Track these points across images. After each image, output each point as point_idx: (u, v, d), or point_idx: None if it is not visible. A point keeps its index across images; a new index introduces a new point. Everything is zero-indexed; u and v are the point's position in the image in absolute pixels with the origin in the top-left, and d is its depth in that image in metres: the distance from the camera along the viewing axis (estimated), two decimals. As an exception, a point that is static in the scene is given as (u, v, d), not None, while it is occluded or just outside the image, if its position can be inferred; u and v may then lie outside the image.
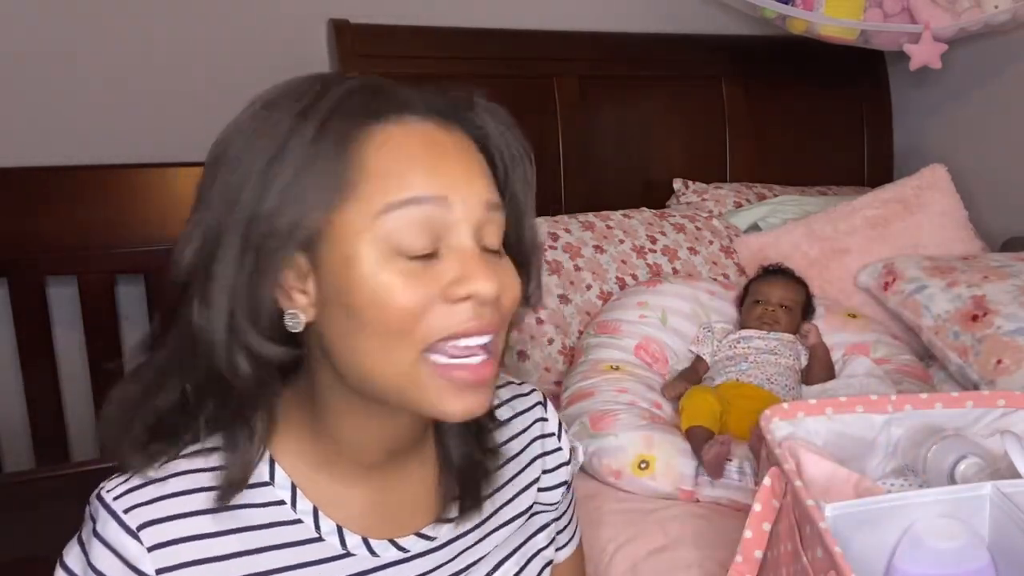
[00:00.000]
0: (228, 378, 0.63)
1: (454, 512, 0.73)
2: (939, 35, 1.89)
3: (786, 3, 1.92)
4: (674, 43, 2.25)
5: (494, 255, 0.65)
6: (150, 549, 0.62)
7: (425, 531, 0.71)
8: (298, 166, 0.60)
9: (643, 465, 1.30)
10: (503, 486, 0.77)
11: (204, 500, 0.64)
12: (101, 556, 0.62)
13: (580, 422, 1.39)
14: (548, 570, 0.81)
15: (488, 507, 0.75)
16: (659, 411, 1.45)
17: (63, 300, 1.83)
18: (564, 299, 1.76)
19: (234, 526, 0.64)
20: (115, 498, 0.63)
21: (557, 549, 0.84)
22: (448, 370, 0.61)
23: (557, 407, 1.52)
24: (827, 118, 2.40)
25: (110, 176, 1.80)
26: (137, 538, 0.62)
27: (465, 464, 0.74)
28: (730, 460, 1.27)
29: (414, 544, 0.71)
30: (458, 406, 0.62)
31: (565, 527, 0.86)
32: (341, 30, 1.92)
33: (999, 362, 1.46)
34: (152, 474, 0.64)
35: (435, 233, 0.61)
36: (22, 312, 1.77)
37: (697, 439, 1.30)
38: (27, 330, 1.77)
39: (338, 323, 0.62)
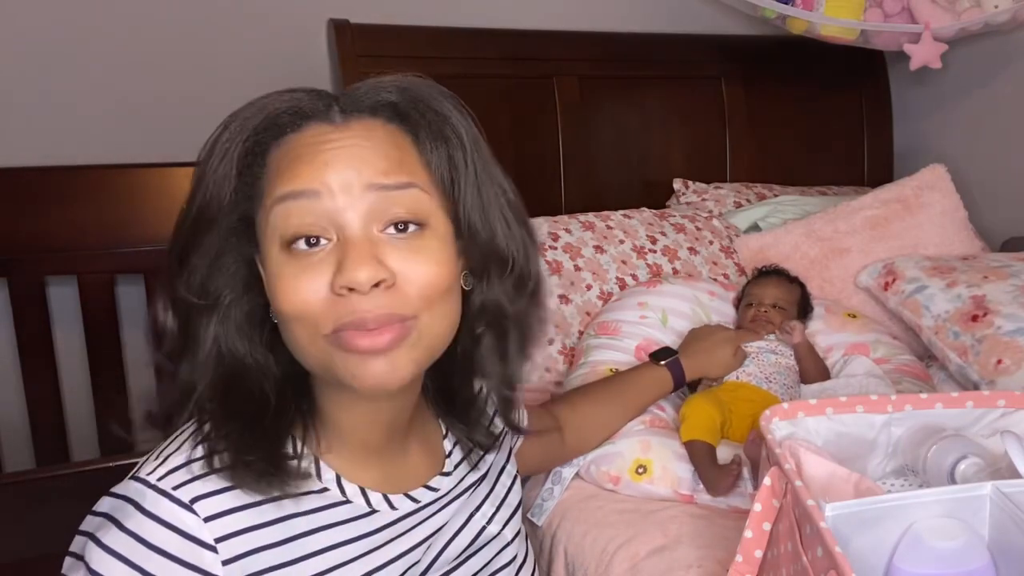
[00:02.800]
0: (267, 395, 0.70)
1: (450, 467, 0.83)
2: (939, 35, 1.89)
3: (786, 3, 1.92)
4: (674, 43, 2.25)
5: (403, 235, 0.66)
6: (206, 520, 0.64)
7: (431, 483, 0.80)
8: (240, 172, 0.68)
9: (640, 470, 1.30)
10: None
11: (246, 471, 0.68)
12: (156, 532, 0.63)
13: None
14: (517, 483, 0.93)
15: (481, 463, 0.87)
16: (661, 413, 1.44)
17: (63, 300, 1.83)
18: (564, 299, 1.76)
19: (276, 494, 0.68)
20: (160, 479, 0.65)
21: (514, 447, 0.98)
22: (351, 339, 0.65)
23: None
24: (827, 118, 2.40)
25: (110, 176, 1.80)
26: (192, 511, 0.64)
27: (461, 410, 0.84)
28: (740, 472, 1.26)
29: (424, 495, 0.79)
30: (367, 379, 0.65)
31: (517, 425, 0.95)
32: (341, 30, 1.92)
33: (999, 362, 1.46)
34: (189, 455, 0.67)
35: (322, 225, 0.65)
36: (22, 312, 1.77)
37: (697, 455, 1.30)
38: (27, 330, 1.78)
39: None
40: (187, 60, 1.88)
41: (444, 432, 0.86)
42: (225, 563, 0.65)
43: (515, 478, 0.93)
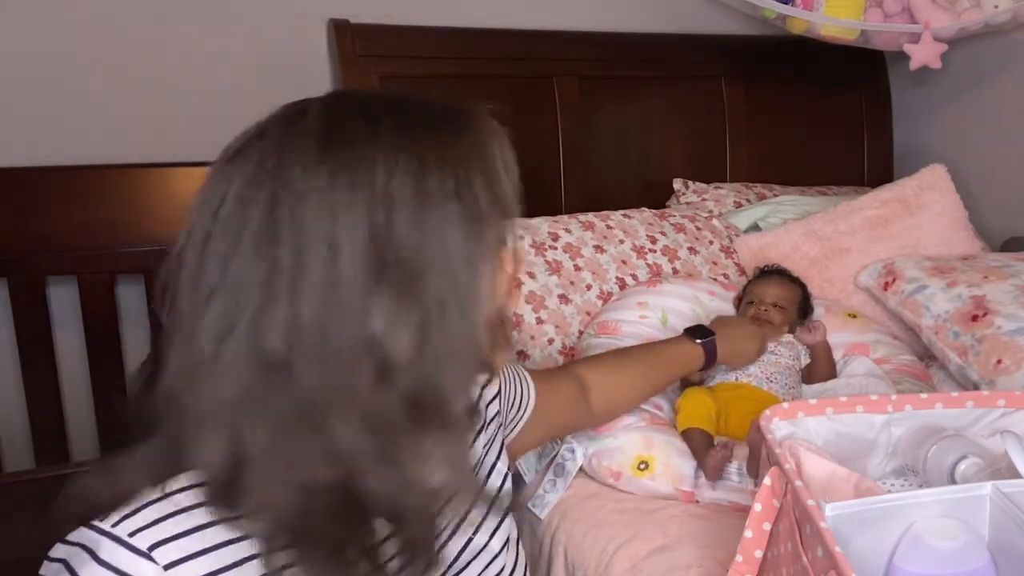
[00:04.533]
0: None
1: None
2: (939, 35, 1.89)
3: (786, 3, 1.92)
4: (674, 43, 2.25)
5: None
6: (166, 567, 0.59)
7: None
8: None
9: (642, 466, 1.30)
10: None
11: (206, 514, 0.61)
12: None
13: (580, 423, 1.39)
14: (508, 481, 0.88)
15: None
16: (659, 412, 1.45)
17: (63, 300, 1.83)
18: (564, 299, 1.76)
19: (242, 533, 0.62)
20: (113, 525, 0.59)
21: (512, 428, 0.97)
22: None
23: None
24: (827, 118, 2.40)
25: (110, 176, 1.80)
26: (151, 559, 0.58)
27: None
28: (731, 461, 1.27)
29: None
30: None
31: (510, 410, 0.96)
32: (341, 30, 1.92)
33: (999, 362, 1.46)
34: (145, 498, 0.61)
35: None
36: (22, 312, 1.77)
37: (694, 441, 1.31)
38: (27, 330, 1.78)
39: None
40: (187, 60, 1.88)
41: None
42: None
43: (506, 476, 0.88)
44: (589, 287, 1.78)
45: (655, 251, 1.87)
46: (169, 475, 0.62)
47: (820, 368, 1.55)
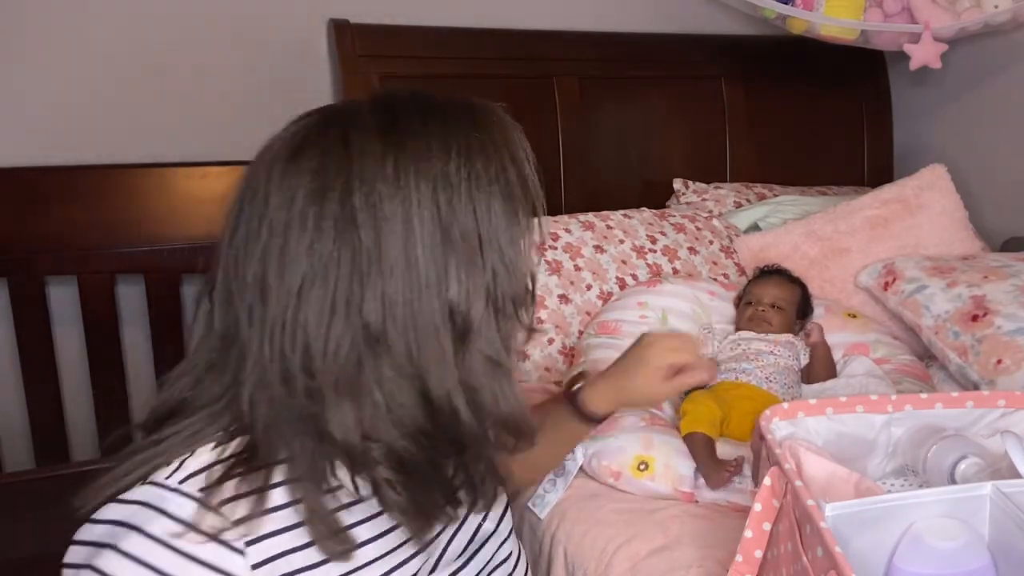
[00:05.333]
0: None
1: None
2: (939, 35, 1.89)
3: (786, 3, 1.92)
4: (674, 43, 2.25)
5: None
6: (235, 523, 0.63)
7: None
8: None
9: (642, 466, 1.30)
10: None
11: (267, 476, 0.67)
12: (181, 535, 0.62)
13: (580, 422, 1.39)
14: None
15: None
16: (659, 412, 1.45)
17: (63, 300, 1.83)
18: (564, 299, 1.76)
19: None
20: (180, 482, 0.64)
21: None
22: None
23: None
24: (827, 118, 2.40)
25: (110, 176, 1.80)
26: (220, 514, 0.63)
27: None
28: (740, 470, 1.27)
29: None
30: None
31: None
32: (341, 30, 1.92)
33: (999, 362, 1.46)
34: (209, 460, 0.66)
35: None
36: (22, 312, 1.77)
37: (697, 445, 1.30)
38: (27, 330, 1.78)
39: None
40: (187, 60, 1.88)
41: None
42: (255, 566, 0.63)
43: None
44: (589, 287, 1.78)
45: (655, 251, 1.87)
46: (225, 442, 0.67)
47: (819, 368, 1.55)
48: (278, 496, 0.66)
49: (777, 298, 1.62)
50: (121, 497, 0.64)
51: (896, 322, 1.76)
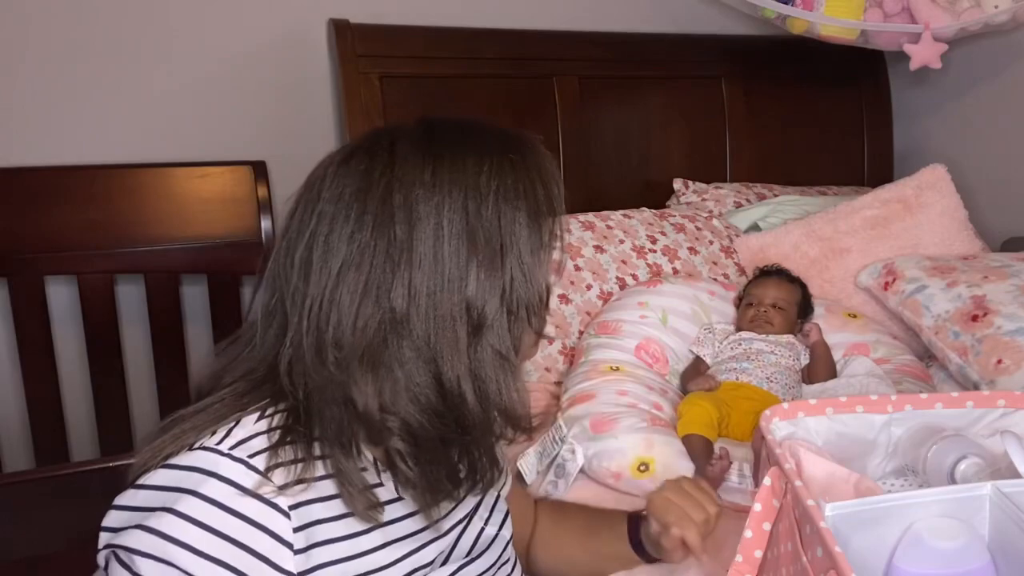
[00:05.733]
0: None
1: None
2: (939, 35, 1.89)
3: (786, 3, 1.92)
4: (674, 43, 2.25)
5: None
6: (280, 488, 0.68)
7: None
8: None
9: (642, 467, 1.30)
10: None
11: (315, 449, 0.72)
12: (235, 498, 0.66)
13: (580, 425, 1.39)
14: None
15: None
16: (659, 412, 1.45)
17: (63, 300, 1.83)
18: (564, 299, 1.76)
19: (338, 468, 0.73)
20: (231, 448, 0.69)
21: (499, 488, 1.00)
22: None
23: (557, 408, 1.52)
24: (827, 118, 2.40)
25: (110, 176, 1.80)
26: (268, 479, 0.68)
27: None
28: (730, 462, 1.27)
29: None
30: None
31: None
32: (341, 30, 1.92)
33: (999, 362, 1.46)
34: (254, 429, 0.71)
35: None
36: (22, 312, 1.77)
37: (694, 447, 1.31)
38: (27, 330, 1.78)
39: None
40: (187, 60, 1.88)
41: None
42: (295, 530, 0.69)
43: (500, 490, 0.95)
44: (589, 287, 1.78)
45: (655, 251, 1.87)
46: (269, 414, 0.72)
47: (820, 368, 1.56)
48: (319, 468, 0.72)
49: (778, 299, 1.62)
50: (171, 462, 0.69)
51: (896, 322, 1.76)
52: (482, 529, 0.88)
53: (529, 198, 0.76)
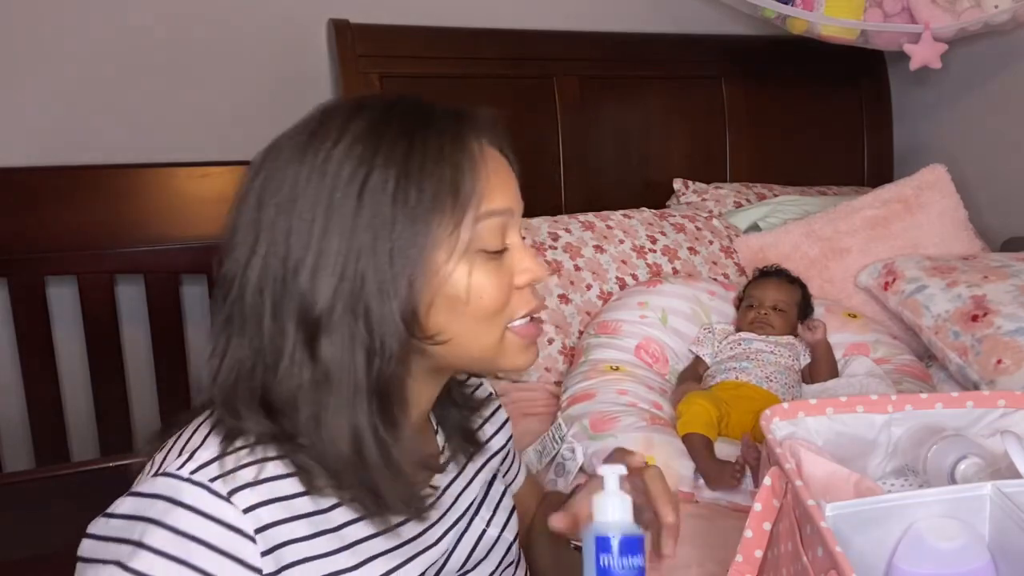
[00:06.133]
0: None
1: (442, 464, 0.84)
2: (939, 35, 1.89)
3: (786, 3, 1.92)
4: (674, 43, 2.25)
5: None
6: (244, 511, 0.65)
7: (432, 482, 0.81)
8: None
9: (643, 466, 1.30)
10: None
11: (277, 466, 0.68)
12: (199, 525, 0.64)
13: (580, 424, 1.39)
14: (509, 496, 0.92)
15: (477, 458, 0.88)
16: (659, 412, 1.45)
17: (63, 300, 1.83)
18: (564, 299, 1.76)
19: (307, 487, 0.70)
20: (192, 472, 0.65)
21: (508, 485, 0.96)
22: (525, 330, 0.76)
23: (557, 407, 1.52)
24: (827, 118, 2.40)
25: (110, 176, 1.80)
26: (230, 502, 0.65)
27: (461, 425, 0.87)
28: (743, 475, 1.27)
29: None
30: (525, 359, 0.77)
31: (511, 465, 0.98)
32: (341, 30, 1.92)
33: (999, 362, 1.46)
34: (218, 450, 0.67)
35: (503, 235, 0.74)
36: (22, 312, 1.77)
37: (695, 447, 1.30)
38: (27, 330, 1.78)
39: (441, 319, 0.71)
40: (187, 60, 1.88)
41: (435, 428, 0.86)
42: (263, 554, 0.66)
43: (508, 487, 0.93)
44: (589, 287, 1.78)
45: (655, 251, 1.87)
46: (233, 433, 0.69)
47: (821, 367, 1.56)
48: (287, 486, 0.68)
49: (778, 300, 1.62)
50: (137, 490, 0.66)
51: (896, 322, 1.76)
52: (483, 531, 0.85)
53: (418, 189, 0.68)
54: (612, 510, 0.64)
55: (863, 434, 0.86)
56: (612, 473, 0.65)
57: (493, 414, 0.95)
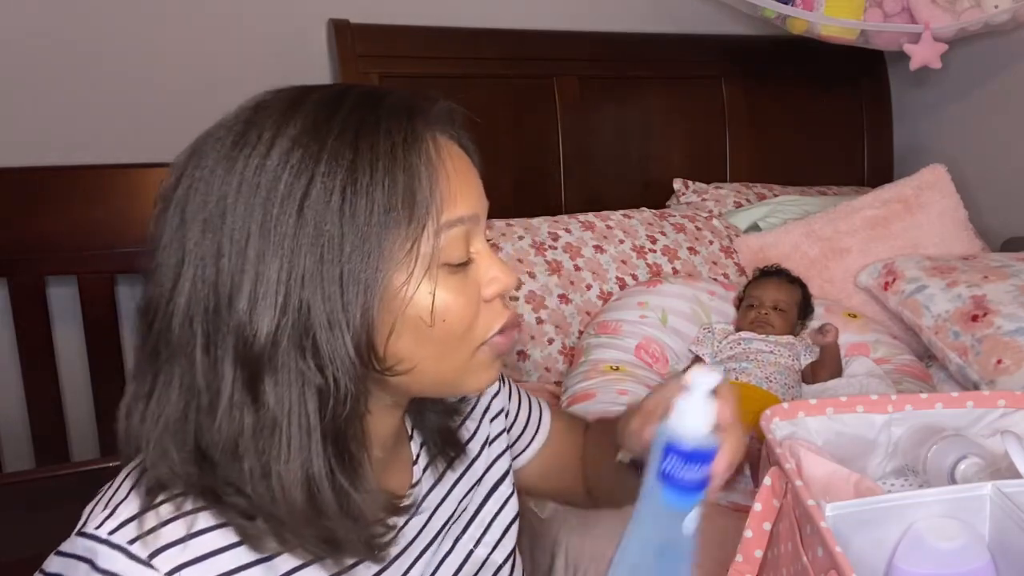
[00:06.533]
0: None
1: (418, 474, 0.76)
2: (939, 35, 1.89)
3: (786, 3, 1.92)
4: (674, 43, 2.25)
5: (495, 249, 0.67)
6: (168, 574, 0.58)
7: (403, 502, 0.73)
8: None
9: (643, 465, 1.30)
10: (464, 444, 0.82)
11: (207, 518, 0.61)
12: None
13: (580, 422, 1.39)
14: (510, 504, 0.85)
15: (457, 465, 0.80)
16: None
17: (63, 300, 1.83)
18: (564, 299, 1.76)
19: (238, 538, 0.62)
20: (110, 533, 0.59)
21: (521, 452, 0.91)
22: (496, 342, 0.67)
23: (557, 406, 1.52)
24: (827, 118, 2.40)
25: (110, 176, 1.80)
26: (151, 566, 0.58)
27: (440, 427, 0.78)
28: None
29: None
30: (489, 377, 0.68)
31: (525, 425, 0.91)
32: (341, 30, 1.92)
33: (999, 362, 1.46)
34: (140, 504, 0.60)
35: (468, 244, 0.65)
36: (22, 312, 1.77)
37: None
38: (27, 330, 1.77)
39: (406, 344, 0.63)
40: (187, 60, 1.88)
41: (410, 433, 0.78)
42: None
43: (509, 497, 0.86)
44: (589, 287, 1.78)
45: (655, 251, 1.87)
46: (158, 485, 0.61)
47: (828, 368, 1.56)
48: (219, 538, 0.61)
49: (778, 300, 1.62)
50: (61, 549, 0.61)
51: (896, 322, 1.76)
52: (471, 551, 0.79)
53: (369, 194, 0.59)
54: (692, 415, 0.59)
55: (863, 434, 0.86)
56: (703, 379, 0.59)
57: (478, 401, 0.86)
